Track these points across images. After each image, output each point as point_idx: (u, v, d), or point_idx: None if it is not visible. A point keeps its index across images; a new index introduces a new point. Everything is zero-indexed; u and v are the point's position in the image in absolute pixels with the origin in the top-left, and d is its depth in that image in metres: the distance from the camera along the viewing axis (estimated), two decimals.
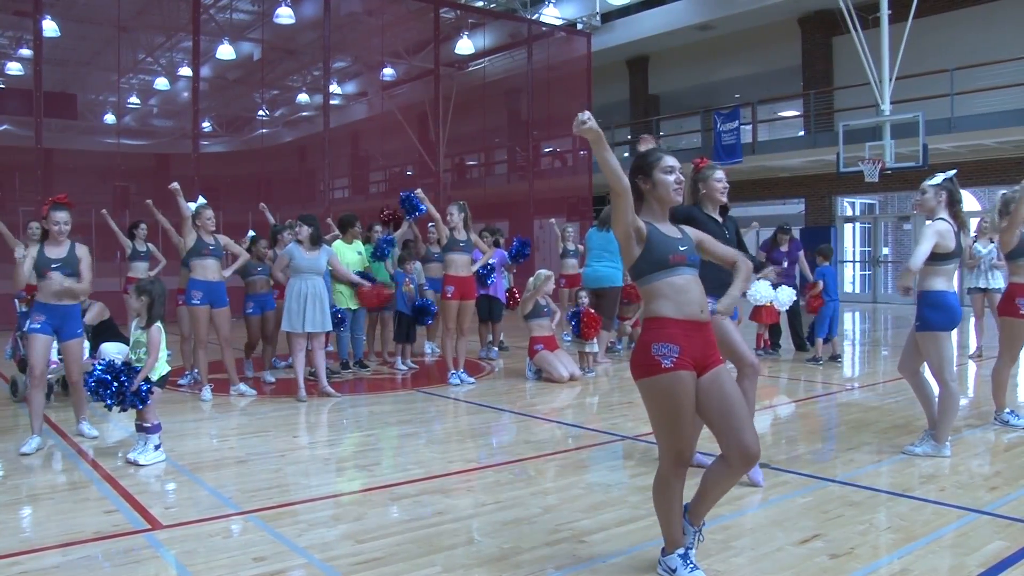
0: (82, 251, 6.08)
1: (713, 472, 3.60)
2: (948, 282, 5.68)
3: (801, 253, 11.14)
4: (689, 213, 4.90)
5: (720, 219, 5.15)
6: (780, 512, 4.53)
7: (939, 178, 5.75)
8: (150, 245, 9.74)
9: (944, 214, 5.66)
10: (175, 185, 7.92)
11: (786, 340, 11.53)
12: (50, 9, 18.86)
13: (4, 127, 24.47)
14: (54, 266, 5.85)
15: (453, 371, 8.98)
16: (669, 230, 3.61)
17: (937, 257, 5.58)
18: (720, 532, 4.17)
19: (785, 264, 11.05)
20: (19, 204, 18.93)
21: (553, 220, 12.37)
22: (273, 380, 9.06)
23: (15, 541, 4.15)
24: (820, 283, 10.32)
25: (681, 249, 3.53)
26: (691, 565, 3.54)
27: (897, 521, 4.36)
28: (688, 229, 3.73)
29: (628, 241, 3.50)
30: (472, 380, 9.07)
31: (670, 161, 3.64)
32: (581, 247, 12.36)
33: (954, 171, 5.91)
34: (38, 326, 5.87)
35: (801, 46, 22.70)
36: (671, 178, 3.61)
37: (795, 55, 22.80)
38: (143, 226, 10.08)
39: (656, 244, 3.50)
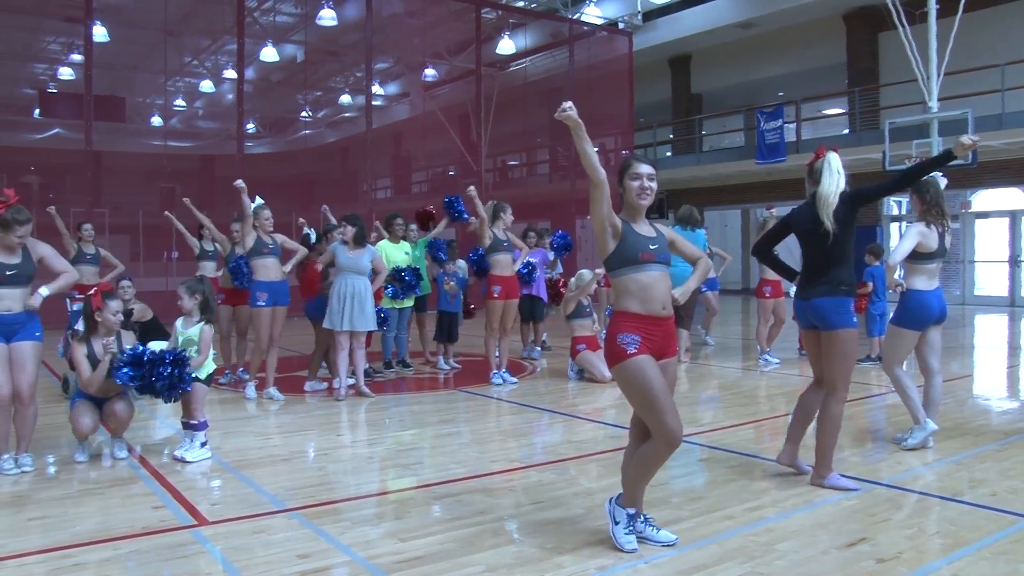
0: (128, 339, 5.91)
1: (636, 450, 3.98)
2: (929, 281, 5.90)
3: None
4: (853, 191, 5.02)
5: None
6: (825, 515, 4.47)
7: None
8: (217, 245, 9.79)
9: (928, 215, 5.87)
10: (240, 183, 7.89)
11: None
12: (100, 15, 19.21)
13: (56, 130, 24.99)
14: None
15: (495, 371, 8.99)
16: (644, 229, 3.95)
17: (919, 256, 5.82)
18: (764, 535, 4.13)
19: None
20: (70, 205, 19.30)
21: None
22: (324, 387, 8.75)
23: (67, 534, 4.23)
24: (869, 284, 10.11)
25: (651, 248, 3.89)
26: (630, 529, 3.94)
27: (946, 526, 4.28)
28: (663, 229, 4.08)
29: (603, 234, 3.87)
30: (514, 380, 9.08)
31: (640, 168, 3.93)
32: None
33: (935, 174, 6.06)
34: (85, 398, 5.75)
35: (846, 43, 22.40)
36: (635, 184, 3.91)
37: (839, 52, 22.49)
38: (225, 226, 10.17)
39: (629, 241, 3.86)
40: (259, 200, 8.13)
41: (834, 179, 4.99)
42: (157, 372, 5.52)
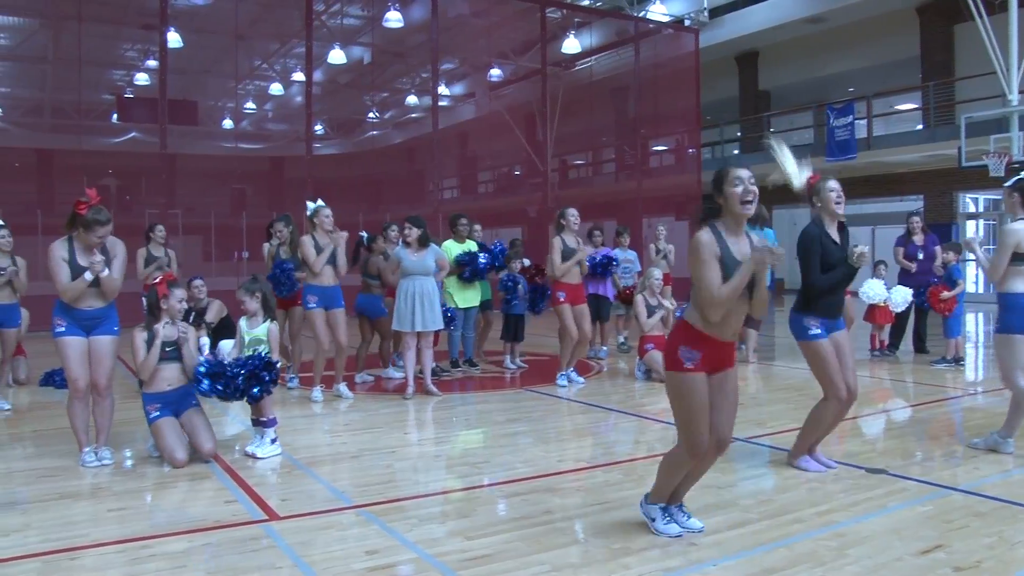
0: (189, 332, 5.99)
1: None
2: None
3: (938, 248, 10.50)
4: (807, 234, 5.33)
5: (837, 238, 5.35)
6: (898, 520, 4.36)
7: (1013, 179, 5.84)
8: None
9: (1023, 214, 5.72)
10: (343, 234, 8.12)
11: (906, 342, 11.06)
12: (174, 22, 19.70)
13: (132, 134, 25.70)
14: (168, 348, 5.77)
15: (562, 372, 8.96)
16: (740, 249, 3.84)
17: (1018, 257, 5.63)
18: (834, 539, 4.05)
19: (920, 257, 10.46)
20: (145, 207, 19.86)
21: (662, 227, 12.25)
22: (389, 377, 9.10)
23: (145, 526, 4.36)
24: (961, 282, 9.85)
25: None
26: (668, 519, 4.11)
27: None
28: (757, 241, 3.94)
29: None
30: (582, 380, 9.03)
31: (739, 173, 3.84)
32: (672, 246, 12.18)
33: None
34: (157, 414, 5.73)
35: (919, 36, 21.82)
36: (738, 190, 3.81)
37: (912, 45, 21.94)
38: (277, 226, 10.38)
39: (724, 269, 3.77)
40: (320, 201, 8.20)
41: None
42: (236, 385, 5.66)
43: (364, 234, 9.53)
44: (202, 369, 5.70)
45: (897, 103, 23.67)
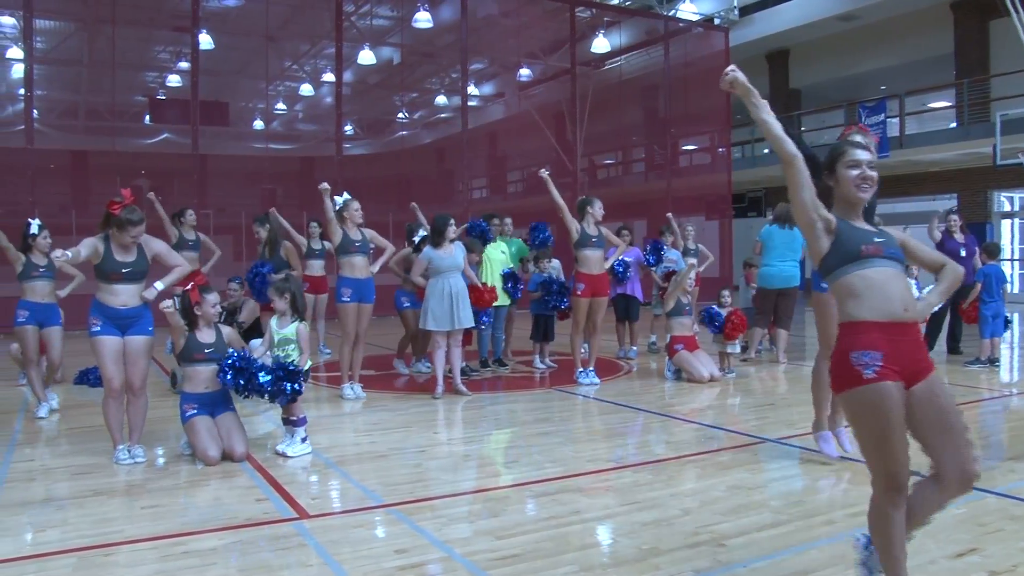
0: (229, 334, 6.12)
1: (922, 493, 3.15)
2: None
3: (977, 248, 10.33)
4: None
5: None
6: (932, 523, 4.30)
7: None
8: (326, 243, 9.99)
9: None
10: (324, 186, 7.91)
11: (939, 343, 10.92)
12: (206, 24, 19.89)
13: (164, 135, 25.97)
14: (207, 350, 5.87)
15: (580, 369, 8.95)
16: (862, 225, 3.24)
17: None
18: None
19: (963, 254, 10.26)
20: (177, 207, 20.02)
21: (670, 214, 12.03)
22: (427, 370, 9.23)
23: (177, 523, 4.40)
24: (979, 284, 9.72)
25: (876, 240, 3.13)
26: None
27: None
28: (889, 230, 3.31)
29: (812, 229, 3.16)
30: (597, 381, 8.99)
31: (858, 154, 3.24)
32: (703, 246, 12.10)
33: None
34: (194, 412, 5.80)
35: (953, 32, 21.54)
36: (853, 173, 3.22)
37: (946, 43, 21.66)
38: (315, 224, 10.48)
39: (846, 235, 3.13)
40: (346, 195, 8.19)
41: None
42: (257, 384, 5.65)
43: (422, 233, 9.56)
44: (229, 361, 5.71)
45: (930, 101, 23.39)
